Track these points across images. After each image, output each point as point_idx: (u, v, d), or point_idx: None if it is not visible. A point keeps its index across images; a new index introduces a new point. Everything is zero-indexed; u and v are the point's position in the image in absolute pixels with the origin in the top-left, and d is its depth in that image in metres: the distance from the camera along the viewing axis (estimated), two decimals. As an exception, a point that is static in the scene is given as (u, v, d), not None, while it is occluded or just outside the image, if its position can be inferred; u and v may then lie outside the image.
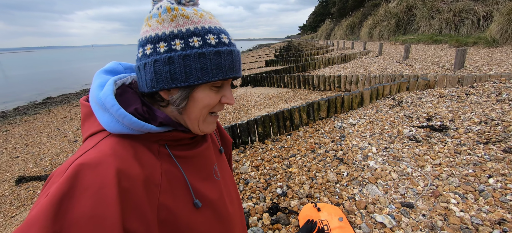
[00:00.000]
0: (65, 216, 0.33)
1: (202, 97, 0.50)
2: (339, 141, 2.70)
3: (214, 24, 0.50)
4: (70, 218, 0.34)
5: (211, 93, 0.50)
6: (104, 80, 0.50)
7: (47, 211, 0.33)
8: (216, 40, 0.48)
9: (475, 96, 3.20)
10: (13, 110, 8.89)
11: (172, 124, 0.50)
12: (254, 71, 11.13)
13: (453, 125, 2.50)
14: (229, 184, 0.69)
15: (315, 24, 53.42)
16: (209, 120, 0.54)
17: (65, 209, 0.34)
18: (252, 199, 1.95)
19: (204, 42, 0.47)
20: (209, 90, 0.50)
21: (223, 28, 0.52)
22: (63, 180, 0.36)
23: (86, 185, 0.36)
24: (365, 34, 18.42)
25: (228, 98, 0.53)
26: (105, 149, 0.42)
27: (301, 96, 5.73)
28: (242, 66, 14.37)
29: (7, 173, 3.69)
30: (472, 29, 9.61)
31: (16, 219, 2.58)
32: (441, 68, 5.70)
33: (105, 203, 0.36)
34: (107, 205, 0.36)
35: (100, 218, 0.35)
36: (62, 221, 0.33)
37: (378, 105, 3.57)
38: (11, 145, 5.01)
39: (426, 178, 1.84)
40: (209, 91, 0.50)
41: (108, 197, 0.37)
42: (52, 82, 16.58)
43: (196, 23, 0.47)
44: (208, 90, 0.50)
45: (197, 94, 0.49)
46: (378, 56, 9.39)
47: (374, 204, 1.69)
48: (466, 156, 2.00)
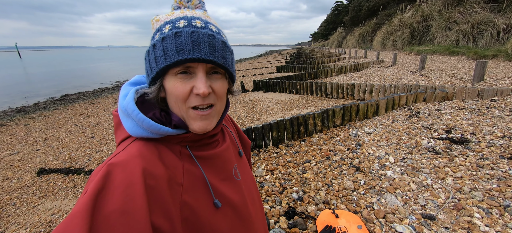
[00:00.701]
0: (100, 210, 0.38)
1: (170, 88, 0.49)
2: (354, 149, 2.67)
3: (181, 15, 0.50)
4: (104, 212, 0.38)
5: (176, 83, 0.48)
6: (128, 90, 0.55)
7: (86, 206, 0.37)
8: (170, 27, 0.48)
9: (497, 109, 3.11)
10: (33, 105, 9.31)
11: (183, 125, 0.52)
12: (265, 76, 11.20)
13: (474, 138, 2.44)
14: (250, 185, 0.70)
15: (327, 32, 53.30)
16: (192, 115, 0.50)
17: (100, 205, 0.38)
18: (268, 202, 1.97)
19: (161, 34, 0.48)
20: (174, 80, 0.48)
21: (193, 15, 0.50)
22: (98, 179, 0.41)
23: (117, 183, 0.41)
24: (378, 44, 18.22)
25: (196, 87, 0.48)
26: (132, 151, 0.46)
27: (314, 103, 5.71)
28: (253, 71, 14.48)
29: (29, 165, 3.86)
30: (492, 41, 9.33)
31: (38, 209, 2.69)
32: (459, 80, 5.56)
33: (134, 199, 0.40)
34: (135, 201, 0.40)
35: (130, 212, 0.39)
36: (98, 214, 0.38)
37: (394, 115, 3.52)
38: (32, 138, 5.23)
39: (447, 191, 1.80)
40: (175, 81, 0.48)
41: (136, 193, 0.41)
42: (70, 80, 17.27)
43: (162, 21, 0.51)
44: (173, 80, 0.48)
45: (166, 85, 0.49)
46: (392, 65, 9.26)
47: (393, 214, 1.66)
48: (489, 170, 1.94)
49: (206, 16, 0.53)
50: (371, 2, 25.78)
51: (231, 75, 0.54)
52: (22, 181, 3.34)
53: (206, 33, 0.47)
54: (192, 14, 0.50)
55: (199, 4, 0.55)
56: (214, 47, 0.47)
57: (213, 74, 0.51)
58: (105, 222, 0.37)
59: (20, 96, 11.17)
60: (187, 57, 0.45)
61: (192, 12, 0.51)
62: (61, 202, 2.78)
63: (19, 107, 8.98)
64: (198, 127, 0.51)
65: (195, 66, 0.48)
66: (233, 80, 0.57)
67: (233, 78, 0.56)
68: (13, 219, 2.55)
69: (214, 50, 0.47)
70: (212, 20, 0.53)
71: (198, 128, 0.51)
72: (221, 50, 0.49)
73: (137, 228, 0.39)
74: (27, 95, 11.42)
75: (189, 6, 0.54)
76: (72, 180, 3.25)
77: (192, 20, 0.48)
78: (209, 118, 0.52)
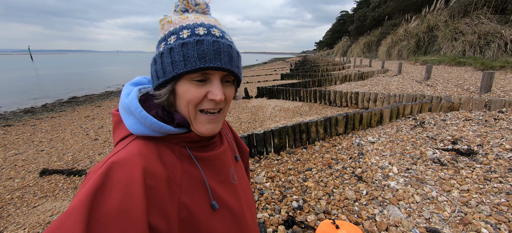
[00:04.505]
0: (98, 208, 0.37)
1: (183, 92, 0.49)
2: (357, 158, 2.62)
3: (198, 21, 0.50)
4: (102, 210, 0.37)
5: (191, 88, 0.49)
6: (130, 90, 0.55)
7: (84, 203, 0.37)
8: (189, 33, 0.48)
9: (505, 121, 3.02)
10: (41, 106, 9.50)
11: (187, 125, 0.53)
12: (269, 83, 11.22)
13: (481, 150, 2.37)
14: (247, 189, 0.70)
15: (332, 40, 53.52)
16: (201, 119, 0.52)
17: (98, 202, 0.38)
18: (267, 210, 1.93)
19: (177, 38, 0.49)
20: (189, 84, 0.49)
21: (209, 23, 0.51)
22: (97, 176, 0.40)
23: (116, 181, 0.40)
24: (383, 53, 18.17)
25: (213, 93, 0.49)
26: (133, 149, 0.46)
27: (317, 110, 5.68)
28: (258, 78, 14.56)
29: (32, 165, 3.90)
30: (499, 52, 9.21)
31: (38, 209, 2.70)
32: (466, 90, 5.47)
33: (132, 198, 0.40)
34: (134, 200, 0.40)
35: (128, 211, 0.39)
36: (95, 212, 0.37)
37: (398, 124, 3.46)
38: (38, 138, 5.31)
39: (453, 204, 1.74)
40: (189, 85, 0.49)
41: (135, 192, 0.40)
42: (78, 83, 17.63)
43: (177, 24, 0.51)
44: (188, 84, 0.49)
45: (179, 89, 0.50)
46: (397, 75, 9.19)
47: (396, 227, 1.61)
48: (497, 183, 1.87)
49: (219, 25, 0.55)
50: (376, 12, 25.86)
51: (239, 81, 0.58)
52: (24, 181, 3.37)
53: (225, 43, 0.50)
54: (208, 22, 0.51)
55: (206, 9, 0.56)
56: (231, 57, 0.50)
57: (225, 82, 0.53)
58: (103, 219, 0.37)
59: (29, 97, 11.42)
60: (209, 65, 0.47)
61: (207, 19, 0.53)
62: (60, 203, 2.78)
63: (27, 108, 9.17)
64: (206, 130, 0.52)
65: (212, 73, 0.50)
66: (239, 86, 0.61)
67: (240, 84, 0.60)
68: (13, 219, 2.55)
69: (231, 59, 0.50)
70: (225, 29, 0.56)
71: (207, 131, 0.53)
72: (236, 59, 0.52)
73: (134, 227, 0.38)
74: (36, 96, 11.68)
75: (197, 9, 0.55)
76: (73, 182, 3.26)
77: (211, 29, 0.50)
78: (217, 122, 0.54)
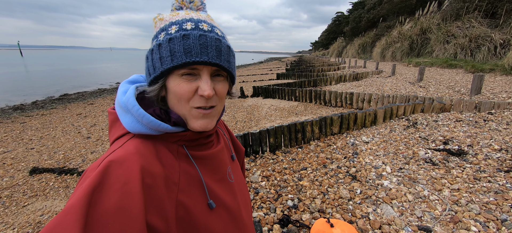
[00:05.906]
0: (95, 207, 0.37)
1: (173, 87, 0.49)
2: (351, 158, 2.65)
3: (187, 17, 0.50)
4: (99, 209, 0.37)
5: (181, 83, 0.48)
6: (127, 88, 0.54)
7: (81, 201, 0.36)
8: (177, 28, 0.48)
9: (494, 122, 3.11)
10: (31, 103, 9.26)
11: (183, 123, 0.52)
12: (265, 82, 11.23)
13: (471, 151, 2.43)
14: (243, 188, 0.70)
15: (327, 41, 53.88)
16: (195, 114, 0.51)
17: (96, 201, 0.37)
18: (262, 209, 1.93)
19: (166, 34, 0.48)
20: (179, 80, 0.49)
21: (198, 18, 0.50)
22: (95, 175, 0.40)
23: (114, 180, 0.40)
24: (377, 54, 18.40)
25: (201, 88, 0.49)
26: (130, 148, 0.45)
27: (312, 110, 5.71)
28: (253, 77, 14.54)
29: (22, 163, 3.80)
30: (489, 56, 9.44)
31: (28, 209, 2.63)
32: (457, 92, 5.59)
33: (131, 196, 0.39)
34: (132, 198, 0.39)
35: (126, 210, 0.38)
36: (93, 210, 0.36)
37: (392, 125, 3.52)
38: (27, 136, 5.18)
39: (444, 203, 1.78)
40: (179, 81, 0.48)
41: (133, 191, 0.40)
42: (70, 80, 17.26)
43: (167, 21, 0.51)
44: (178, 80, 0.49)
45: (169, 85, 0.50)
46: (391, 76, 9.33)
47: (389, 225, 1.63)
48: (487, 183, 1.93)
49: (211, 20, 0.54)
50: (371, 14, 26.17)
51: (232, 77, 0.57)
52: (13, 179, 3.28)
53: (213, 37, 0.48)
54: (198, 17, 0.51)
55: (201, 6, 0.55)
56: (220, 51, 0.49)
57: (216, 76, 0.52)
58: (101, 218, 0.36)
59: (18, 94, 11.12)
60: (195, 59, 0.46)
61: (197, 14, 0.52)
62: (51, 203, 2.72)
63: (16, 105, 8.92)
64: (199, 125, 0.51)
65: (201, 68, 0.49)
66: (234, 82, 0.59)
67: (234, 80, 0.58)
68: (1, 219, 2.48)
69: (220, 54, 0.49)
70: (216, 24, 0.55)
71: (199, 126, 0.51)
72: (226, 54, 0.51)
73: (132, 226, 0.38)
74: (26, 93, 11.38)
75: (191, 6, 0.54)
76: (64, 180, 3.20)
77: (199, 23, 0.49)
78: (210, 117, 0.53)
